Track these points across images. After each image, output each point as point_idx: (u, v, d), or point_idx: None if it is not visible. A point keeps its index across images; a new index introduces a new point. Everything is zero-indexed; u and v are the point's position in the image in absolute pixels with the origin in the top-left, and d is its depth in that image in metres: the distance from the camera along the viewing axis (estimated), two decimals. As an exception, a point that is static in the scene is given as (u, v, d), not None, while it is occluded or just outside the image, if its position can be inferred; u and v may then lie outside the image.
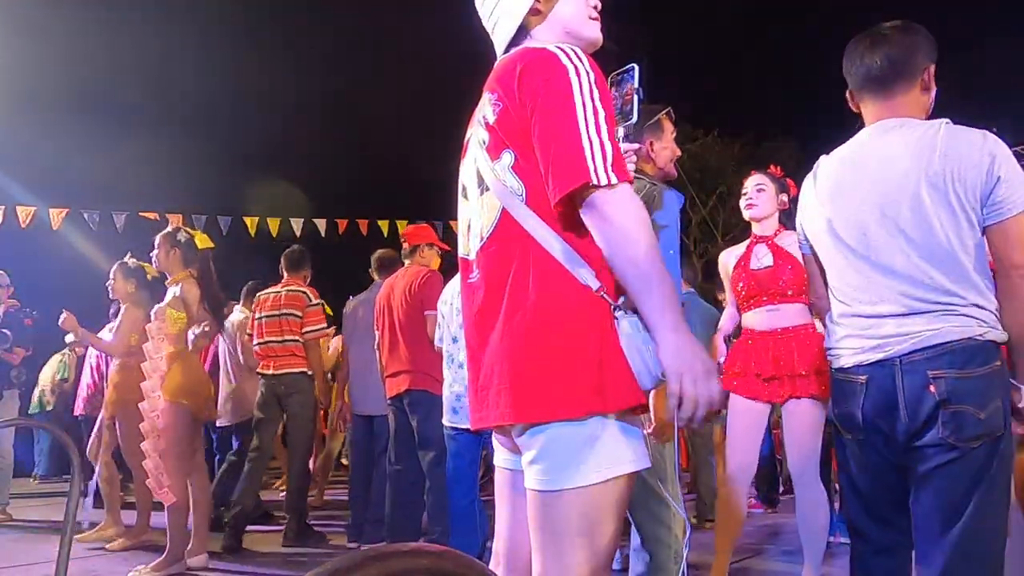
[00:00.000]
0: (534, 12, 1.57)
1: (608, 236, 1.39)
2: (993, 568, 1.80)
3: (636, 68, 1.77)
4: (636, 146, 2.56)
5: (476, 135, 1.58)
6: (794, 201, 3.59)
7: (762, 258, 3.40)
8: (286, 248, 5.52)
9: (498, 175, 1.49)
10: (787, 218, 3.50)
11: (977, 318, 1.80)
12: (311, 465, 6.64)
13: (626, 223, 1.38)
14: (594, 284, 1.42)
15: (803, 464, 3.28)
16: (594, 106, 1.41)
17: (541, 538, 1.45)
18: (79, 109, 12.58)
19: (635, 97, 1.75)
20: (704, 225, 18.48)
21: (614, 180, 1.38)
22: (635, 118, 1.75)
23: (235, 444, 5.70)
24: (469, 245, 1.61)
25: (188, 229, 4.52)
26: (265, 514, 5.82)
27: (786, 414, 3.35)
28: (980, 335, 1.79)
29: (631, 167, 1.84)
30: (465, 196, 1.64)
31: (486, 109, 1.54)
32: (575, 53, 1.47)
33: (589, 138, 1.39)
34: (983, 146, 1.82)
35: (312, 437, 5.55)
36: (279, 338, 5.07)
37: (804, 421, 3.27)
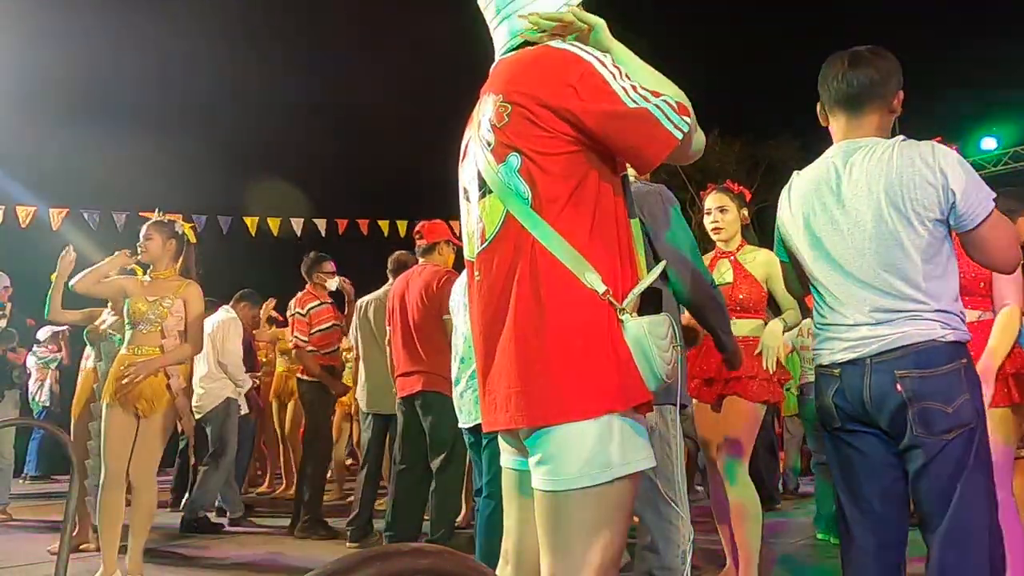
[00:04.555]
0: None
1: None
2: (983, 550, 1.89)
3: None
4: None
5: (478, 137, 1.57)
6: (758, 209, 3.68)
7: (724, 273, 3.50)
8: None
9: (502, 178, 1.49)
10: (747, 231, 3.60)
11: (940, 321, 1.94)
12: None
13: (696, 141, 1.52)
14: (600, 288, 1.43)
15: (733, 459, 3.31)
16: (629, 81, 1.46)
17: (550, 538, 1.46)
18: (79, 109, 12.58)
19: None
20: (704, 225, 18.49)
21: (688, 123, 1.46)
22: None
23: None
24: (473, 247, 1.61)
25: (182, 222, 4.42)
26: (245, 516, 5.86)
27: (721, 413, 3.40)
28: (942, 337, 1.93)
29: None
30: (467, 199, 1.64)
31: (491, 111, 1.53)
32: (584, 46, 1.51)
33: (654, 105, 1.44)
34: (934, 163, 1.94)
35: (325, 434, 5.59)
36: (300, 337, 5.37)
37: (735, 416, 3.33)
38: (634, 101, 1.43)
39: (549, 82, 1.46)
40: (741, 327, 3.41)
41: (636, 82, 1.46)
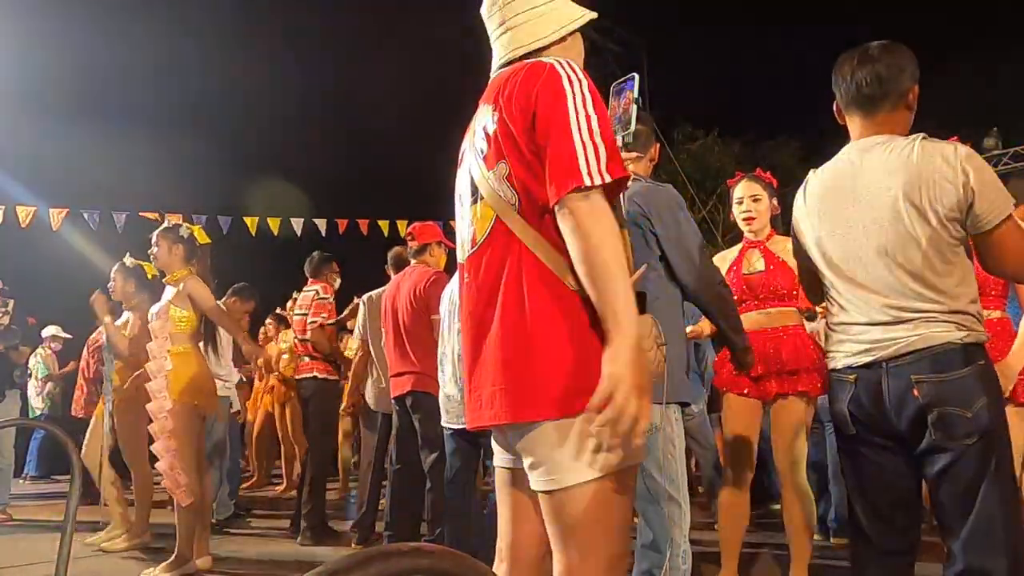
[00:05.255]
0: (559, 41, 1.63)
1: (575, 240, 1.43)
2: (1014, 558, 1.85)
3: (635, 78, 1.82)
4: (634, 155, 2.59)
5: (473, 145, 1.64)
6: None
7: (754, 263, 3.46)
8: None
9: (492, 184, 1.56)
10: (777, 220, 3.57)
11: (957, 323, 1.90)
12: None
13: (594, 230, 1.41)
14: (583, 291, 1.47)
15: (790, 462, 3.31)
16: (587, 111, 1.47)
17: (558, 537, 1.51)
18: (79, 109, 12.57)
19: (634, 106, 1.80)
20: (704, 225, 18.45)
21: (607, 179, 1.43)
22: (633, 127, 1.79)
23: None
24: (464, 251, 1.68)
25: (188, 225, 4.47)
26: (235, 514, 5.86)
27: (774, 412, 3.38)
28: (960, 339, 1.89)
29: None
30: (461, 204, 1.71)
31: (486, 120, 1.60)
32: (568, 64, 1.54)
33: (582, 141, 1.45)
34: (956, 162, 1.89)
35: (330, 436, 5.61)
36: (301, 337, 5.39)
37: (791, 419, 3.32)
38: (576, 127, 1.45)
39: (526, 90, 1.52)
40: (778, 316, 3.39)
41: (594, 121, 1.46)
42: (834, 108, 2.17)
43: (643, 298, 1.58)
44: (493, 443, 1.71)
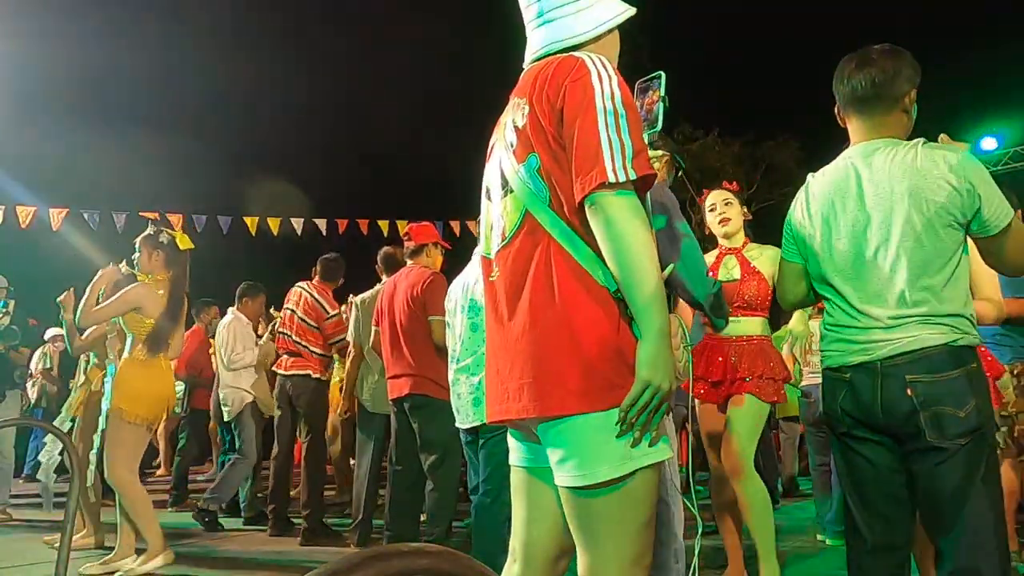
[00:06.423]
0: (596, 39, 1.63)
1: (605, 236, 1.44)
2: (1002, 555, 1.89)
3: (662, 76, 1.80)
4: (660, 153, 2.57)
5: (504, 138, 1.63)
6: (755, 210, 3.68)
7: (731, 270, 3.49)
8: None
9: (523, 178, 1.55)
10: (749, 229, 3.60)
11: (952, 326, 1.94)
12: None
13: (625, 227, 1.42)
14: (612, 286, 1.47)
15: (738, 459, 3.31)
16: (615, 107, 1.47)
17: (581, 535, 1.50)
18: (80, 110, 12.59)
19: (660, 105, 1.78)
20: (704, 225, 18.48)
21: (632, 176, 1.44)
22: (659, 125, 1.77)
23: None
24: (491, 245, 1.66)
25: (168, 231, 4.42)
26: (260, 513, 5.84)
27: (728, 412, 3.41)
28: (954, 341, 1.93)
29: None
30: (489, 198, 1.70)
31: (515, 113, 1.60)
32: (600, 60, 1.54)
33: (608, 137, 1.45)
34: (960, 169, 1.93)
35: (323, 436, 5.61)
36: (295, 337, 5.32)
37: (741, 415, 3.34)
38: (604, 123, 1.45)
39: (556, 84, 1.52)
40: (746, 325, 3.41)
41: (622, 118, 1.47)
42: (835, 110, 2.20)
43: (670, 297, 1.58)
44: (510, 440, 1.69)
